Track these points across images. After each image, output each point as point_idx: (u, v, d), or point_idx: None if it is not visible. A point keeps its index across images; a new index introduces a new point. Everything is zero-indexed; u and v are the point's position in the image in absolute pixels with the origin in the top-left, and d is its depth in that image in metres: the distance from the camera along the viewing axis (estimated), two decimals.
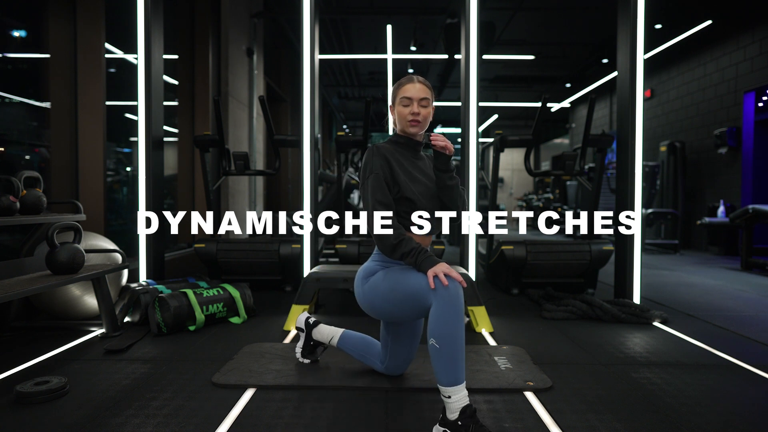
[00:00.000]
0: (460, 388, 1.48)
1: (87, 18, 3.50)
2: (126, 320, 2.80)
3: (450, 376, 1.48)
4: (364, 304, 1.78)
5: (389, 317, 1.75)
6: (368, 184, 1.69)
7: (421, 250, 1.60)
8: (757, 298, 3.80)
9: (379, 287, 1.70)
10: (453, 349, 1.48)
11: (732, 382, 2.01)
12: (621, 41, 3.37)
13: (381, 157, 1.71)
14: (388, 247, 1.64)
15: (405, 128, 1.77)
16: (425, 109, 1.75)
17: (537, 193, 13.69)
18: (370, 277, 1.76)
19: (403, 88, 1.75)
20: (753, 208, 5.07)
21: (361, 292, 1.78)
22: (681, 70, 8.04)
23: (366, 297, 1.76)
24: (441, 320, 1.49)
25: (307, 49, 3.26)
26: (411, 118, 1.74)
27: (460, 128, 3.42)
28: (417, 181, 1.75)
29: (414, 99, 1.73)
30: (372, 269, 1.78)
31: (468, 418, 1.46)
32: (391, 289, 1.66)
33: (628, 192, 3.31)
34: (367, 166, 1.71)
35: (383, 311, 1.72)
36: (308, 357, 2.16)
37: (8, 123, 3.28)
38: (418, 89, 1.74)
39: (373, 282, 1.73)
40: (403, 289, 1.62)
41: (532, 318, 3.07)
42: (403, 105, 1.74)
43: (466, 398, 1.49)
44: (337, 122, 15.76)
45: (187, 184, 5.23)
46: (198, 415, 1.66)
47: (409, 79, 1.77)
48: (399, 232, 1.64)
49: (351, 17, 7.89)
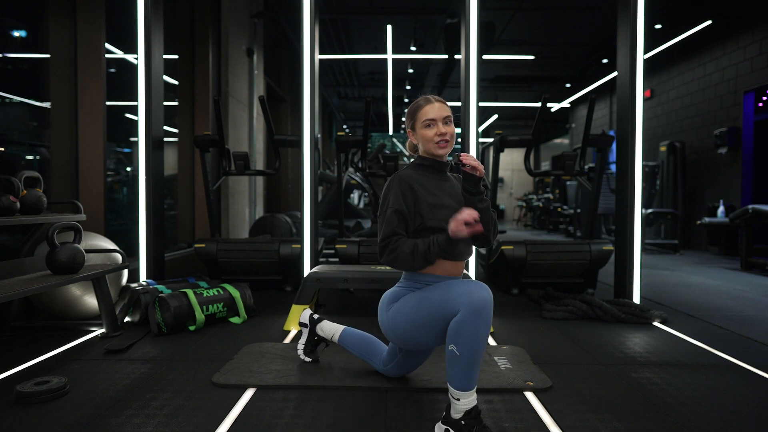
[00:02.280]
0: (470, 393, 1.48)
1: (87, 18, 3.50)
2: (126, 320, 2.80)
3: (464, 383, 1.46)
4: (387, 329, 1.71)
5: (412, 344, 1.67)
6: (386, 217, 1.62)
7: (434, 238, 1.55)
8: (757, 298, 3.80)
9: (404, 308, 1.63)
10: (473, 358, 1.45)
11: (732, 382, 2.01)
12: (621, 41, 3.37)
13: (405, 187, 1.63)
14: (407, 259, 1.57)
15: (432, 151, 1.68)
16: (450, 127, 1.68)
17: (537, 193, 13.69)
18: (395, 303, 1.68)
19: (423, 111, 1.68)
20: (753, 208, 5.07)
21: (386, 317, 1.70)
22: (681, 70, 8.04)
23: (390, 321, 1.68)
24: (466, 329, 1.44)
25: (307, 49, 3.26)
26: (438, 140, 1.66)
27: (460, 128, 3.42)
28: (443, 207, 1.63)
29: (437, 119, 1.66)
30: (398, 294, 1.70)
31: (472, 419, 1.46)
32: (417, 307, 1.59)
33: (628, 192, 3.31)
34: (388, 196, 1.64)
35: (406, 336, 1.64)
36: (310, 355, 2.15)
37: (8, 123, 3.28)
38: (438, 108, 1.67)
39: (398, 306, 1.66)
40: (429, 305, 1.56)
41: (532, 318, 3.07)
42: (426, 126, 1.67)
43: (474, 401, 1.49)
44: (337, 122, 15.76)
45: (187, 184, 5.23)
46: (198, 415, 1.66)
47: (426, 100, 1.70)
48: (412, 242, 1.58)
49: (351, 17, 7.89)
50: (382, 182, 5.95)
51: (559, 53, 9.36)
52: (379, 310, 1.75)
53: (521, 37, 8.51)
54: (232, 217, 5.68)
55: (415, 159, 1.76)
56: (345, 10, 7.52)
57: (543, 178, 13.62)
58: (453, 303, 1.49)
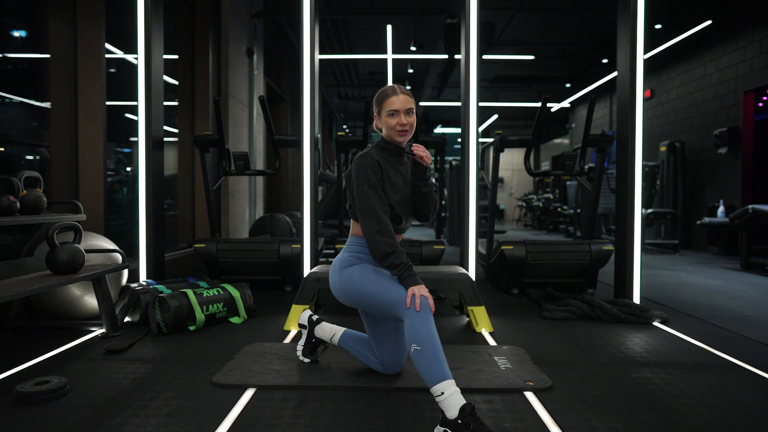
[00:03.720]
0: (449, 384, 1.52)
1: (87, 18, 3.50)
2: (126, 320, 2.80)
3: (436, 372, 1.53)
4: (339, 293, 1.90)
5: (363, 309, 1.90)
6: (366, 192, 1.77)
7: (407, 267, 1.70)
8: (757, 298, 3.80)
9: (355, 282, 1.82)
10: (433, 347, 1.56)
11: (732, 382, 2.01)
12: (621, 41, 3.37)
13: (376, 166, 1.80)
14: (380, 254, 1.72)
15: (394, 137, 1.85)
16: (411, 117, 1.84)
17: (537, 193, 13.69)
18: (346, 269, 1.87)
19: (389, 101, 1.83)
20: (753, 208, 5.07)
21: (338, 282, 1.89)
22: (681, 70, 8.04)
23: (342, 287, 1.87)
24: (416, 328, 1.59)
25: (307, 49, 3.26)
26: (400, 129, 1.83)
27: (460, 128, 3.42)
28: (397, 189, 1.86)
29: (400, 110, 1.82)
30: (348, 261, 1.89)
31: (468, 416, 1.46)
32: (368, 290, 1.78)
33: (628, 192, 3.31)
34: (362, 173, 1.79)
35: (358, 304, 1.86)
36: (309, 356, 2.16)
37: (8, 123, 3.28)
38: (403, 100, 1.82)
39: (349, 274, 1.85)
40: (380, 296, 1.74)
41: (532, 318, 3.07)
42: (390, 116, 1.83)
43: (460, 396, 1.51)
44: (337, 122, 15.75)
45: (187, 184, 5.23)
46: (198, 414, 1.66)
47: (393, 90, 1.85)
48: (393, 242, 1.72)
49: (351, 17, 7.89)
50: None
51: (559, 53, 9.35)
52: (330, 275, 1.94)
53: (521, 37, 8.51)
54: (232, 217, 5.68)
55: (379, 141, 1.93)
56: (345, 10, 7.52)
57: (543, 178, 13.63)
58: (396, 311, 1.67)
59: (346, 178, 1.90)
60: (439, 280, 2.88)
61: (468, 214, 3.35)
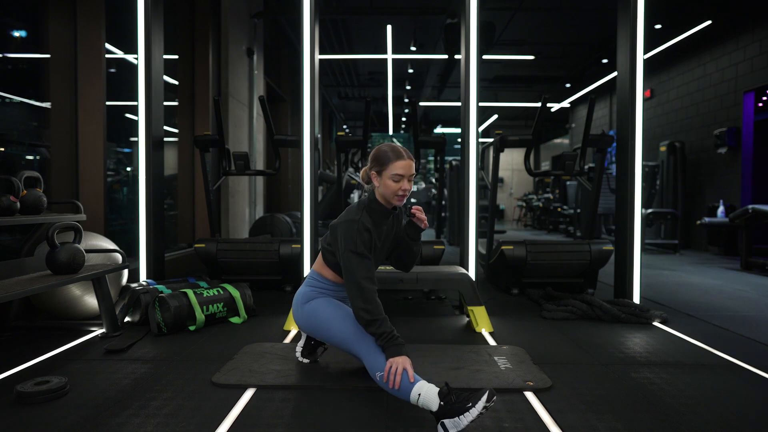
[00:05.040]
0: (419, 385, 1.56)
1: (87, 18, 3.50)
2: (126, 320, 2.80)
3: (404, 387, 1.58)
4: (304, 326, 1.96)
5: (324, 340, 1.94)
6: (351, 259, 1.76)
7: (391, 337, 1.67)
8: (757, 298, 3.80)
9: (319, 317, 1.89)
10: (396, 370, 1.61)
11: (732, 382, 2.02)
12: (621, 41, 3.37)
13: (365, 234, 1.80)
14: (363, 321, 1.71)
15: (390, 200, 1.86)
16: (410, 183, 1.86)
17: (537, 193, 13.69)
18: (308, 302, 1.94)
19: (395, 165, 1.81)
20: (753, 208, 5.07)
21: (301, 315, 1.95)
22: (681, 70, 8.04)
23: (307, 321, 1.93)
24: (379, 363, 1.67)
25: (307, 49, 3.26)
26: (401, 194, 1.84)
27: (460, 128, 3.42)
28: (378, 250, 1.91)
29: (405, 176, 1.82)
30: (309, 295, 1.95)
31: (447, 395, 1.51)
32: (331, 328, 1.85)
33: (628, 192, 3.31)
34: (350, 238, 1.78)
35: (319, 336, 1.92)
36: (308, 357, 2.16)
37: (8, 123, 3.28)
38: (409, 166, 1.83)
39: (312, 308, 1.92)
40: (344, 337, 1.81)
41: (532, 318, 3.07)
42: (394, 181, 1.82)
43: (432, 386, 1.55)
44: (337, 122, 15.75)
45: (187, 184, 5.23)
46: (198, 414, 1.66)
47: (399, 154, 1.83)
48: (376, 309, 1.71)
49: (351, 17, 7.89)
50: None
51: (559, 53, 9.35)
52: (294, 306, 2.00)
53: (521, 37, 8.51)
54: (232, 217, 5.68)
55: (370, 202, 1.90)
56: (345, 10, 7.52)
57: (543, 178, 13.62)
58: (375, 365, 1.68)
59: (331, 229, 1.91)
60: (439, 280, 2.88)
61: (468, 214, 3.34)
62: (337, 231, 1.85)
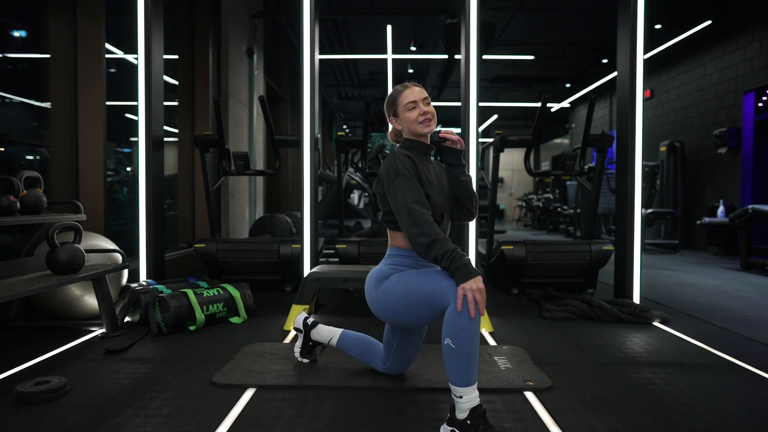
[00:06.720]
0: (472, 389, 1.47)
1: (87, 18, 3.50)
2: (126, 320, 2.80)
3: (463, 377, 1.46)
4: (376, 307, 1.74)
5: (401, 322, 1.70)
6: (398, 185, 1.63)
7: (455, 253, 1.49)
8: (757, 298, 3.80)
9: (394, 290, 1.65)
10: (469, 349, 1.45)
11: (732, 382, 2.01)
12: (621, 41, 3.37)
13: (407, 159, 1.68)
14: (421, 248, 1.54)
15: (418, 130, 1.75)
16: (430, 107, 1.77)
17: (537, 193, 13.69)
18: (383, 281, 1.71)
19: (403, 95, 1.77)
20: (753, 208, 5.07)
21: (374, 295, 1.73)
22: (681, 70, 8.03)
23: (378, 300, 1.71)
24: (459, 325, 1.45)
25: (307, 49, 3.26)
26: (422, 119, 1.74)
27: (460, 128, 3.42)
28: (433, 186, 1.74)
29: (418, 101, 1.75)
30: (385, 273, 1.73)
31: (478, 417, 1.45)
32: (407, 292, 1.61)
33: (628, 192, 3.31)
34: (392, 168, 1.66)
35: (396, 315, 1.68)
36: (307, 357, 2.16)
37: (8, 123, 3.28)
38: (418, 92, 1.77)
39: (386, 286, 1.69)
40: (421, 291, 1.58)
41: (532, 318, 3.07)
42: (410, 109, 1.75)
43: (477, 399, 1.48)
44: (337, 122, 15.75)
45: (187, 184, 5.23)
46: (198, 414, 1.66)
47: (403, 86, 1.80)
48: (435, 230, 1.54)
49: (351, 17, 7.89)
50: None
51: (559, 53, 9.35)
52: (367, 288, 1.78)
53: (521, 37, 8.51)
54: (232, 217, 5.68)
55: (404, 142, 1.81)
56: (345, 10, 7.52)
57: (543, 178, 13.62)
58: (443, 296, 1.51)
59: (376, 188, 1.76)
60: None
61: None
62: (381, 179, 1.71)
